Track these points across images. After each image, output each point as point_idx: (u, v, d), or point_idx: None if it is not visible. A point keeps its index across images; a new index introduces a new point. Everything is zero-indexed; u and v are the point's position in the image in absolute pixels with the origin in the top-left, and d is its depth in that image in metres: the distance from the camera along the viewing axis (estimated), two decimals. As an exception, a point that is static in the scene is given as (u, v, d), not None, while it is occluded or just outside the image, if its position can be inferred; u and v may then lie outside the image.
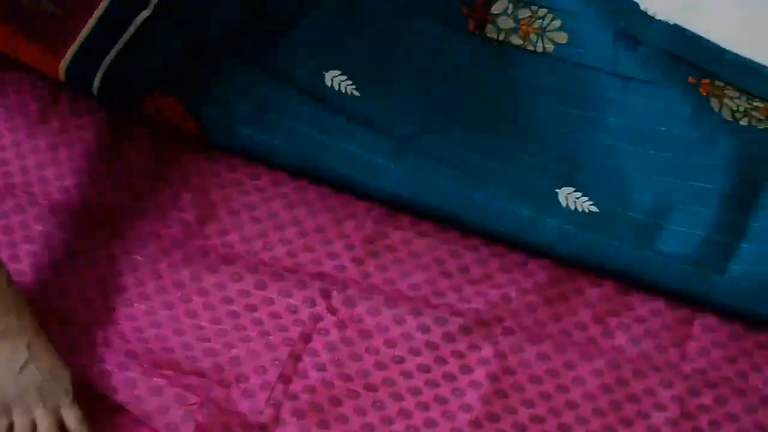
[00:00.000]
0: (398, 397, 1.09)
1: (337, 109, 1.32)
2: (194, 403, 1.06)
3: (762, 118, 1.32)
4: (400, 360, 1.12)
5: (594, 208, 1.26)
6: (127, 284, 1.19)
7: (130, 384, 1.07)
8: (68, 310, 1.16)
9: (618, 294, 1.21)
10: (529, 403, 1.09)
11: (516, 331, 1.15)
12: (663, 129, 1.33)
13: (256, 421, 1.07)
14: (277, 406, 1.07)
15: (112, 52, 1.29)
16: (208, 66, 1.33)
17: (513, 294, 1.20)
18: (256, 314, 1.16)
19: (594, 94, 1.37)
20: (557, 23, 1.41)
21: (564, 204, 1.26)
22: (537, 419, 1.08)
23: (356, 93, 1.36)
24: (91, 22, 1.29)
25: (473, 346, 1.14)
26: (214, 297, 1.18)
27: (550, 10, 1.42)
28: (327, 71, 1.37)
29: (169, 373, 1.10)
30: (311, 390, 1.09)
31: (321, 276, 1.20)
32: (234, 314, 1.16)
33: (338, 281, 1.19)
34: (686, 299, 1.20)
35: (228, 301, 1.17)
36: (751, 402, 1.10)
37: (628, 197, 1.28)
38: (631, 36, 1.37)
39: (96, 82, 1.28)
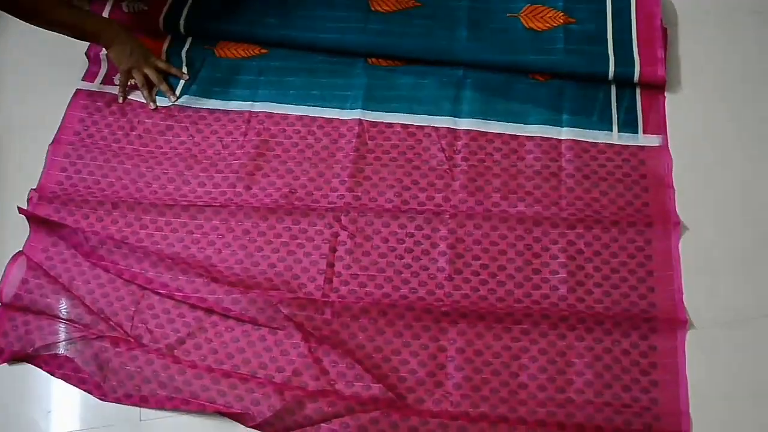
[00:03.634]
0: (398, 272, 1.67)
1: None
2: (277, 303, 1.63)
3: None
4: (393, 248, 1.70)
5: None
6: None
7: (236, 302, 1.63)
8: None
9: (513, 178, 1.75)
10: (477, 257, 1.68)
11: (457, 214, 1.72)
12: None
13: (319, 306, 1.65)
14: (327, 295, 1.66)
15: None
16: None
17: (450, 195, 1.75)
18: (298, 240, 1.72)
19: None
20: None
21: None
22: (484, 266, 1.67)
23: None
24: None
25: (434, 229, 1.71)
26: (269, 235, 1.74)
27: None
28: None
29: (258, 291, 1.66)
30: (345, 282, 1.67)
31: (332, 208, 1.74)
32: (285, 244, 1.72)
33: (342, 208, 1.74)
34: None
35: (278, 235, 1.73)
36: (605, 225, 1.67)
37: None
38: None
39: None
